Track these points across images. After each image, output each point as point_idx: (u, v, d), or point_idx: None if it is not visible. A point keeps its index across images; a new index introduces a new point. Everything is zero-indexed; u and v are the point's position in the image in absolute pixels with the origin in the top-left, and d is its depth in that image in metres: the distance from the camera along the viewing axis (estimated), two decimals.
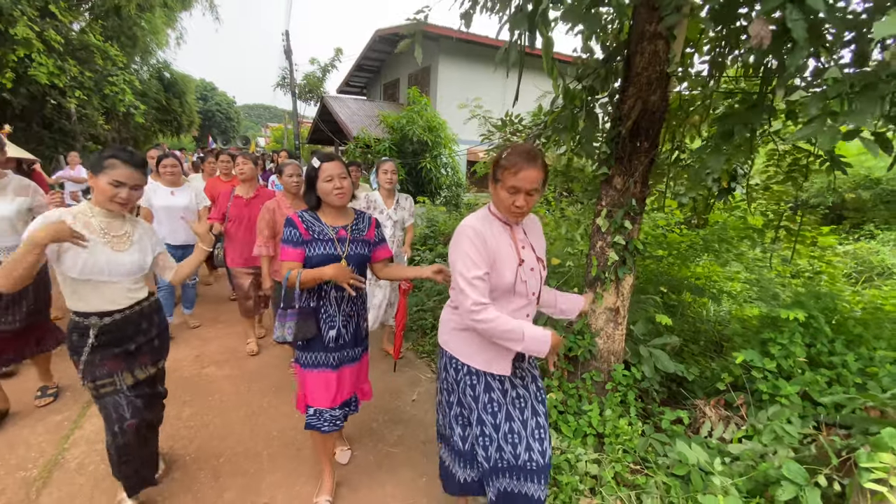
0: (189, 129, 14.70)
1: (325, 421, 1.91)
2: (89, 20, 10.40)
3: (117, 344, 1.74)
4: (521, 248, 1.57)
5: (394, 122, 9.08)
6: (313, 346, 1.90)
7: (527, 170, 1.41)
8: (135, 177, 1.64)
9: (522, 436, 1.59)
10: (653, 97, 2.32)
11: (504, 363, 1.59)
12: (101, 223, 1.68)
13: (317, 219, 1.86)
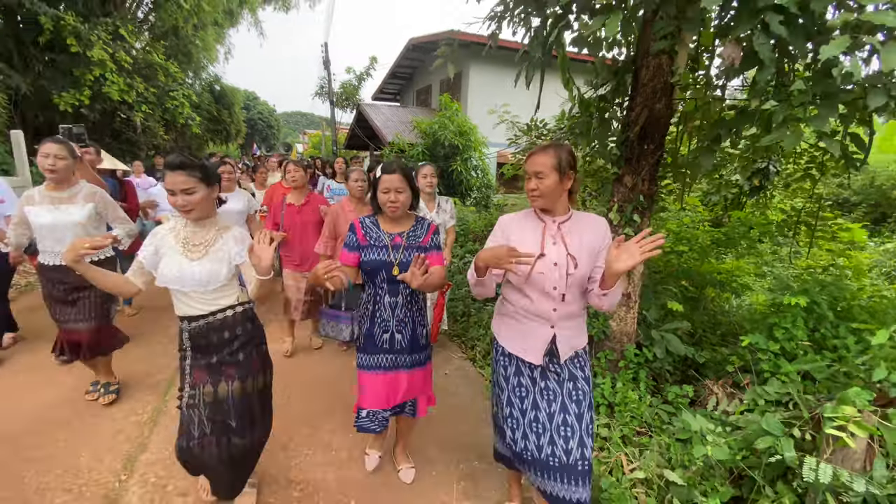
0: (236, 138, 15.80)
1: (378, 422, 1.97)
2: (150, 40, 11.44)
3: (204, 353, 1.76)
4: (551, 242, 1.61)
5: (426, 128, 9.54)
6: (368, 348, 1.97)
7: (535, 156, 1.58)
8: (180, 181, 1.58)
9: (547, 428, 1.62)
10: (658, 105, 2.61)
11: (535, 353, 1.65)
12: (187, 233, 1.71)
13: (376, 225, 1.93)
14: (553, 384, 1.67)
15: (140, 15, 12.28)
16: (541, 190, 1.57)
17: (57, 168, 2.45)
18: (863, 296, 3.35)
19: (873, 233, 8.79)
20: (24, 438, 2.43)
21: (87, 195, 2.61)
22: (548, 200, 1.61)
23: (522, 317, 1.69)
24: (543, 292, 1.61)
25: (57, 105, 8.41)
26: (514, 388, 1.71)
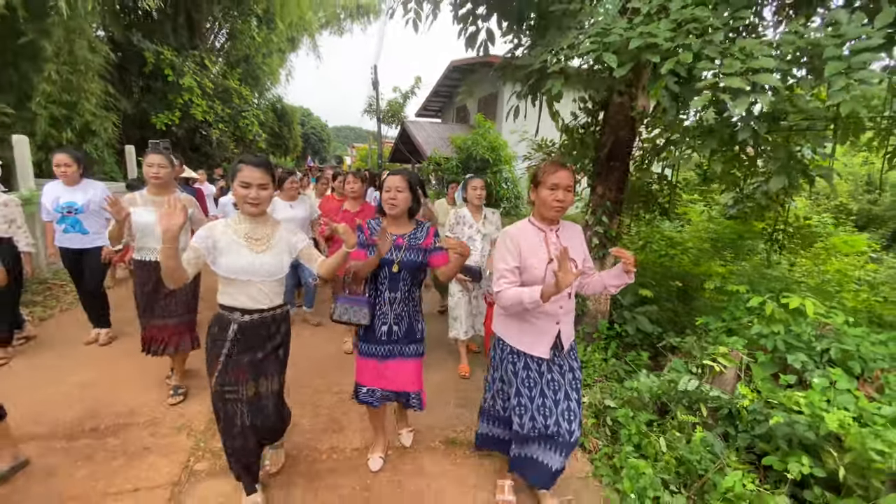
0: (293, 151, 17.56)
1: (374, 399, 2.18)
2: (225, 67, 13.20)
3: (249, 348, 1.85)
4: (553, 249, 1.80)
5: (461, 143, 10.55)
6: (368, 337, 2.16)
7: (561, 171, 1.75)
8: (257, 176, 1.74)
9: (553, 412, 1.85)
10: (622, 132, 3.43)
11: (543, 347, 1.85)
12: (245, 229, 1.83)
13: (379, 227, 2.06)
14: (557, 376, 1.90)
15: (217, 45, 14.18)
16: (567, 203, 1.78)
17: (160, 175, 2.79)
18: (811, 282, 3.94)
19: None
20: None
21: (183, 202, 2.98)
22: (563, 212, 1.84)
23: (532, 317, 1.86)
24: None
25: (153, 124, 10.12)
26: (522, 380, 1.89)
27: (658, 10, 2.56)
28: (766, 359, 2.50)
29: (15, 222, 3.36)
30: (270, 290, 1.87)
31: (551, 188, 1.76)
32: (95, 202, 3.56)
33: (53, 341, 3.82)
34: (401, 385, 2.18)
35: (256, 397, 1.88)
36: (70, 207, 3.49)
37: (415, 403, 2.23)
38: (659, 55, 2.38)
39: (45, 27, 7.31)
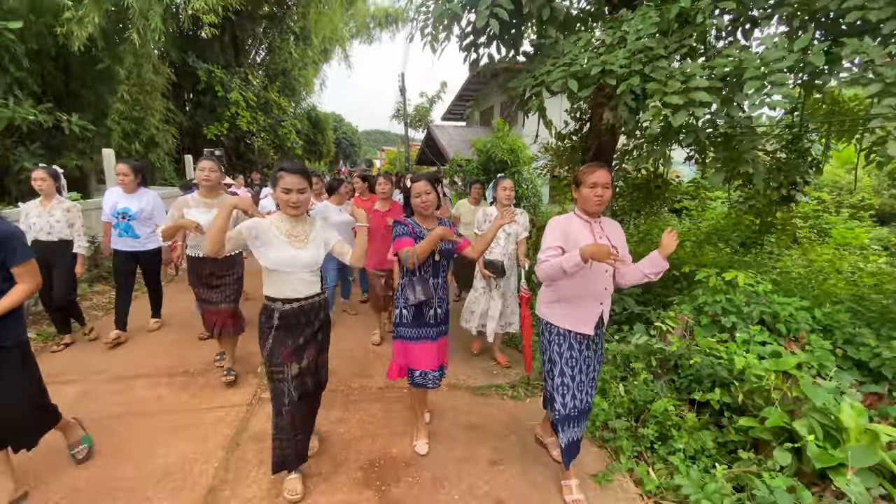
0: (326, 156, 18.74)
1: (430, 380, 2.39)
2: (264, 80, 14.37)
3: (291, 332, 2.06)
4: (598, 237, 2.04)
5: (481, 146, 11.21)
6: (420, 322, 2.38)
7: (600, 170, 1.99)
8: (296, 181, 1.96)
9: (584, 385, 2.11)
10: (604, 138, 4.03)
11: (589, 326, 2.06)
12: (287, 227, 2.04)
13: (416, 223, 2.38)
14: (591, 353, 2.12)
15: (258, 60, 15.41)
16: (606, 198, 2.00)
17: (210, 178, 3.05)
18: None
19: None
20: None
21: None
22: (604, 207, 2.05)
23: (579, 298, 2.06)
24: (601, 274, 2.03)
25: (205, 135, 11.31)
26: (566, 360, 2.09)
27: (619, 41, 3.18)
28: (707, 321, 3.07)
29: (74, 226, 3.65)
30: (308, 280, 2.08)
31: (591, 186, 1.99)
32: (147, 210, 3.85)
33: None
34: (444, 359, 2.52)
35: (299, 375, 2.07)
36: (125, 213, 3.78)
37: (445, 374, 2.57)
38: (616, 79, 3.01)
39: (118, 54, 8.48)
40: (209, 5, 7.97)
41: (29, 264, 1.93)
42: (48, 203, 3.54)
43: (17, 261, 1.89)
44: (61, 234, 3.57)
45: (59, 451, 2.36)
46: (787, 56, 2.67)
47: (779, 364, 2.29)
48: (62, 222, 3.56)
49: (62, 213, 3.56)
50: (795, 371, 2.26)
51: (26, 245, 1.95)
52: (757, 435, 2.24)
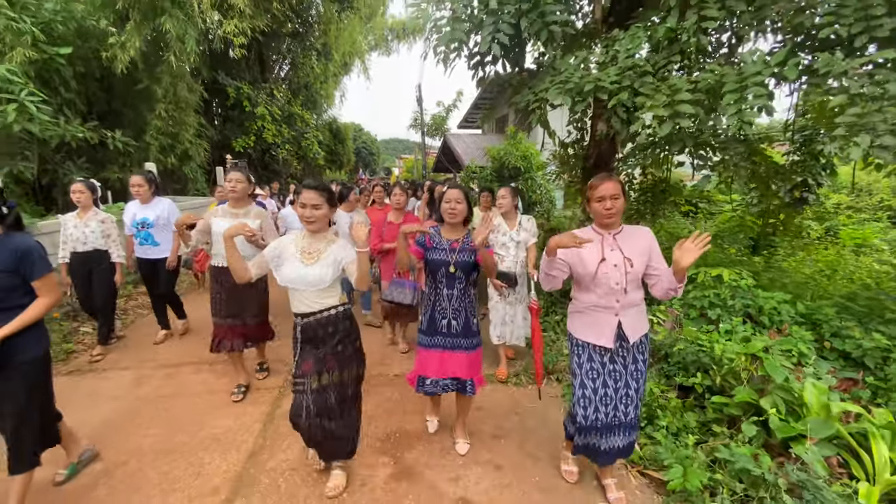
0: (347, 165, 19.40)
1: (438, 388, 2.42)
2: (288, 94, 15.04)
3: (312, 344, 2.09)
4: (609, 249, 2.00)
5: (495, 154, 11.55)
6: (430, 330, 2.43)
7: (606, 182, 1.97)
8: (312, 197, 2.00)
9: (612, 399, 2.04)
10: (603, 146, 4.32)
11: (605, 338, 2.02)
12: (304, 244, 2.08)
13: (439, 233, 2.41)
14: (619, 367, 2.06)
15: (281, 75, 16.15)
16: (616, 209, 1.97)
17: (237, 189, 3.04)
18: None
19: None
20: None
21: (256, 214, 3.13)
22: (617, 217, 2.02)
23: (591, 310, 2.05)
24: (609, 288, 1.99)
25: (233, 147, 11.98)
26: (586, 371, 2.07)
27: (611, 59, 3.49)
28: (696, 314, 3.32)
29: (111, 237, 3.78)
30: (318, 296, 2.07)
31: (599, 200, 1.98)
32: (164, 217, 4.00)
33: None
34: (459, 372, 2.42)
35: (321, 389, 2.08)
36: (143, 222, 3.95)
37: (469, 389, 2.45)
38: (607, 94, 3.32)
39: (156, 75, 9.17)
40: (239, 28, 8.58)
41: (48, 278, 1.94)
42: (85, 215, 3.69)
43: (36, 275, 1.90)
44: (96, 245, 3.70)
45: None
46: (764, 70, 2.94)
47: (747, 348, 2.55)
48: (97, 233, 3.68)
49: (97, 225, 3.69)
50: (762, 354, 2.51)
51: (45, 259, 1.96)
52: (730, 412, 2.50)
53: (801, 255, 5.95)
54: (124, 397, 3.22)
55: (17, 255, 1.85)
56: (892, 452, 2.14)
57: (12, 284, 1.86)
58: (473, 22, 3.67)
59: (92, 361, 3.80)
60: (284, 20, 11.32)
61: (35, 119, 6.29)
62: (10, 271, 1.85)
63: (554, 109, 3.81)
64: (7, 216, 1.91)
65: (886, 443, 2.15)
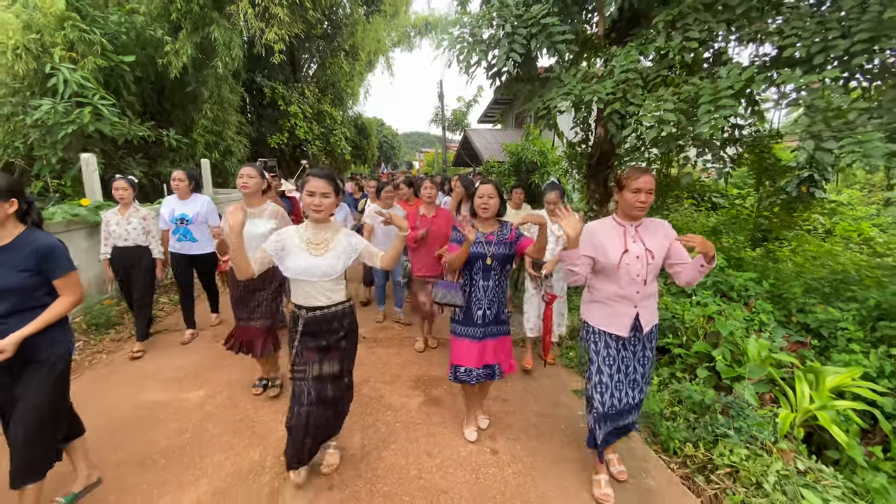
0: (371, 160, 20.23)
1: (473, 377, 2.48)
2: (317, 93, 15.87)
3: (315, 337, 2.09)
4: (631, 241, 2.04)
5: (513, 149, 12.15)
6: (466, 321, 2.50)
7: (644, 176, 2.00)
8: (321, 185, 1.97)
9: (624, 384, 2.16)
10: (605, 147, 4.93)
11: (623, 327, 2.09)
12: (308, 235, 2.05)
13: (473, 227, 2.39)
14: (629, 354, 2.16)
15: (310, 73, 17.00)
16: (648, 202, 2.00)
17: (249, 185, 2.89)
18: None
19: None
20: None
21: (272, 212, 3.00)
22: (646, 211, 2.04)
23: (612, 300, 2.11)
24: (630, 279, 2.04)
25: (269, 143, 12.89)
26: (603, 359, 2.15)
27: (608, 72, 4.10)
28: (676, 289, 3.94)
29: (150, 233, 3.80)
30: (326, 288, 2.07)
31: (634, 191, 2.00)
32: (202, 214, 4.01)
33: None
34: (492, 358, 2.53)
35: (320, 378, 2.10)
36: (182, 218, 3.95)
37: (498, 374, 2.56)
38: (603, 103, 3.94)
39: (203, 78, 10.08)
40: (279, 35, 9.39)
41: (70, 277, 1.90)
42: (126, 211, 3.73)
43: (58, 274, 1.87)
44: (137, 241, 3.74)
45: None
46: (735, 84, 3.52)
47: (704, 311, 3.18)
48: (138, 229, 3.72)
49: (138, 221, 3.74)
50: (716, 315, 3.13)
51: (67, 258, 1.92)
52: (690, 361, 3.14)
53: (794, 244, 6.44)
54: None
55: (39, 254, 1.82)
56: (812, 391, 2.76)
57: (34, 284, 1.83)
58: (491, 42, 4.33)
59: (133, 358, 3.79)
60: (316, 24, 12.11)
61: (105, 120, 7.24)
62: (32, 271, 1.81)
63: (562, 114, 4.45)
64: (30, 212, 1.90)
65: (808, 382, 2.76)
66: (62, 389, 1.98)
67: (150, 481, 2.35)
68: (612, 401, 2.15)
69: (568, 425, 2.95)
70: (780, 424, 2.57)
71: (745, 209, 6.45)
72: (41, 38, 7.24)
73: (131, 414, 2.99)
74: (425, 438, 2.76)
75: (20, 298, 1.81)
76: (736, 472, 2.33)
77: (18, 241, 1.82)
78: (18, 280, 1.78)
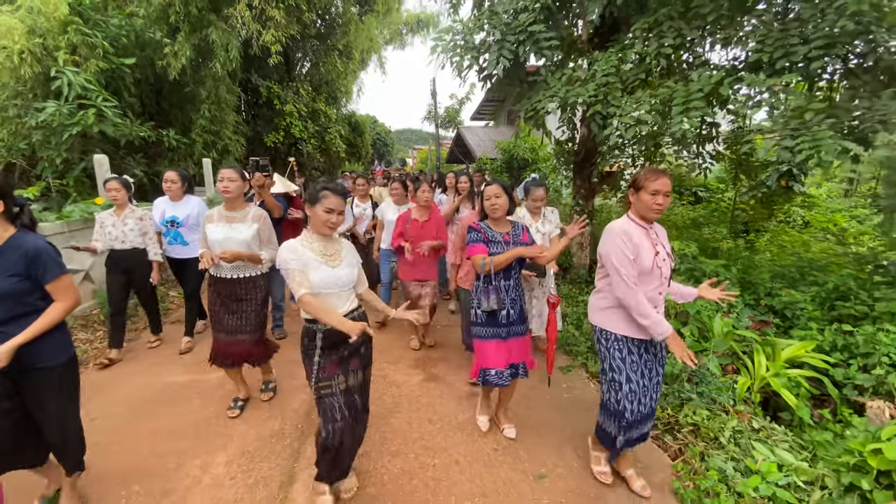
0: (364, 158, 20.44)
1: (503, 378, 2.49)
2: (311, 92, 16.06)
3: (335, 348, 2.04)
4: (655, 245, 2.05)
5: (505, 146, 12.47)
6: (491, 322, 2.48)
7: (663, 178, 1.98)
8: (340, 203, 1.98)
9: (648, 390, 2.14)
10: (589, 145, 5.25)
11: (645, 331, 2.04)
12: (319, 247, 2.02)
13: (489, 227, 2.48)
14: (651, 357, 2.16)
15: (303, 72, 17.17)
16: (664, 206, 1.98)
17: (230, 189, 2.73)
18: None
19: None
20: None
21: (254, 216, 2.84)
22: (662, 214, 2.05)
23: None
24: (661, 281, 2.05)
25: (265, 142, 13.09)
26: (630, 365, 2.09)
27: (591, 76, 4.42)
28: None
29: (147, 234, 3.69)
30: (346, 299, 2.08)
31: (652, 193, 1.97)
32: (193, 216, 3.88)
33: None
34: (518, 357, 2.53)
35: (347, 391, 2.06)
36: (173, 221, 3.84)
37: (522, 372, 2.56)
38: (586, 105, 4.26)
39: (201, 79, 10.28)
40: (275, 37, 9.60)
41: (62, 280, 1.84)
42: (121, 212, 3.62)
43: (49, 277, 1.80)
44: (134, 243, 3.64)
45: None
46: (704, 87, 3.85)
47: None
48: (135, 231, 3.63)
49: (135, 223, 3.63)
50: None
51: (58, 260, 1.85)
52: None
53: (769, 235, 6.83)
54: None
55: (28, 258, 1.75)
56: (769, 362, 3.11)
57: (25, 288, 1.77)
58: (482, 47, 4.63)
59: (151, 347, 4.02)
60: (310, 24, 12.32)
61: (108, 121, 7.45)
62: (22, 275, 1.75)
63: (549, 114, 4.77)
64: (21, 214, 1.85)
65: (766, 354, 3.12)
66: (72, 394, 2.00)
67: (183, 447, 2.65)
68: (639, 407, 2.12)
69: (554, 396, 3.29)
70: (738, 389, 2.92)
71: (724, 202, 6.82)
72: (45, 42, 7.42)
73: (159, 392, 3.28)
74: (426, 409, 3.09)
75: (12, 304, 1.76)
76: (697, 430, 2.67)
77: (8, 245, 1.75)
78: (8, 285, 1.73)
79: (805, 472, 2.26)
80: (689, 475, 2.39)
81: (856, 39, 3.63)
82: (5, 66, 7.25)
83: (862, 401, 2.93)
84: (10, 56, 7.10)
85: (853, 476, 2.10)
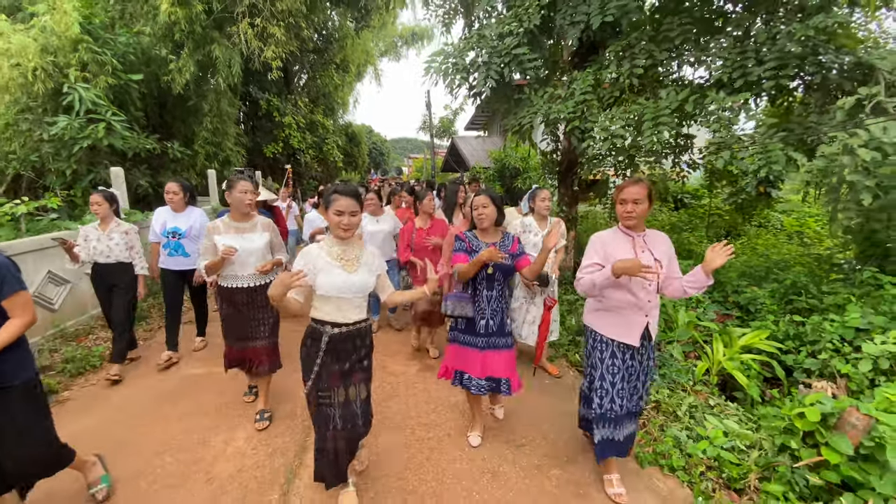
0: (361, 167, 20.94)
1: (473, 385, 2.51)
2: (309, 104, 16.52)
3: (339, 358, 2.04)
4: (640, 251, 2.12)
5: (497, 156, 12.93)
6: (468, 330, 2.54)
7: (629, 187, 2.09)
8: (350, 204, 1.96)
9: (625, 392, 2.23)
10: (571, 156, 5.68)
11: (633, 337, 2.14)
12: (338, 251, 2.04)
13: (475, 237, 2.51)
14: (636, 364, 2.24)
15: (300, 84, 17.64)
16: (637, 213, 2.09)
17: (252, 202, 2.78)
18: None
19: None
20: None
21: (263, 225, 2.87)
22: (638, 221, 2.13)
23: (623, 309, 2.16)
24: (643, 288, 2.12)
25: (264, 153, 13.50)
26: (608, 367, 2.21)
27: (570, 94, 4.85)
28: None
29: (133, 248, 3.64)
30: (358, 304, 2.07)
31: (621, 202, 2.11)
32: (196, 228, 3.83)
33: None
34: (496, 371, 2.51)
35: (346, 403, 2.06)
36: (175, 232, 3.79)
37: (504, 389, 2.53)
38: (565, 121, 4.69)
39: (203, 93, 10.69)
40: (276, 53, 10.04)
41: (18, 297, 1.81)
42: (106, 226, 3.56)
43: (4, 294, 1.77)
44: (119, 257, 3.57)
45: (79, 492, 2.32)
46: (671, 104, 4.28)
47: None
48: (120, 245, 3.57)
49: (120, 237, 3.57)
50: None
51: (16, 276, 1.83)
52: None
53: (745, 238, 7.27)
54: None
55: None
56: (726, 348, 3.51)
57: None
58: (472, 67, 5.06)
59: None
60: (308, 40, 12.78)
61: (116, 134, 7.82)
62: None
63: (535, 129, 5.20)
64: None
65: (724, 342, 3.52)
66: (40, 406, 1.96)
67: (207, 425, 3.00)
68: (611, 405, 2.22)
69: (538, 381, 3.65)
70: (696, 372, 3.31)
71: (701, 209, 7.27)
72: (56, 59, 7.80)
73: (178, 383, 3.63)
74: (422, 393, 3.45)
75: None
76: (659, 406, 3.05)
77: None
78: None
79: (746, 437, 2.64)
80: (649, 443, 2.76)
81: (804, 61, 4.07)
82: (18, 83, 7.61)
83: (808, 381, 3.33)
84: (23, 73, 7.47)
85: (784, 437, 2.48)
